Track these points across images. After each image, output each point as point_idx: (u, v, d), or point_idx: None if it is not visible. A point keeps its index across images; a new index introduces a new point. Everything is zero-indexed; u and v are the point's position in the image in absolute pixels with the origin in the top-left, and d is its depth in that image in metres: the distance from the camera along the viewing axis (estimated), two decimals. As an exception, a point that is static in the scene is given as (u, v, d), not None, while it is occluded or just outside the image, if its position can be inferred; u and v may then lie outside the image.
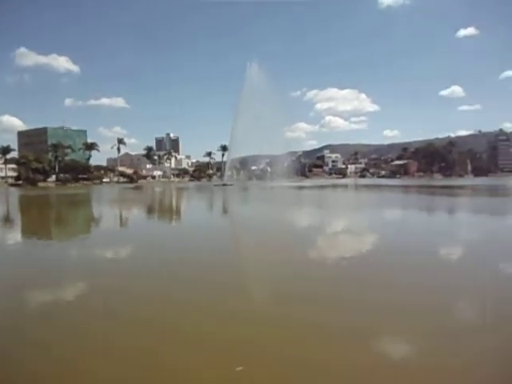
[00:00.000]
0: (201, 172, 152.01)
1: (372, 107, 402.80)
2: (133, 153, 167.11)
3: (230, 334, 6.16)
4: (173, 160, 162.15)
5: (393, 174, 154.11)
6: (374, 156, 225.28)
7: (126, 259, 12.83)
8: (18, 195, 63.44)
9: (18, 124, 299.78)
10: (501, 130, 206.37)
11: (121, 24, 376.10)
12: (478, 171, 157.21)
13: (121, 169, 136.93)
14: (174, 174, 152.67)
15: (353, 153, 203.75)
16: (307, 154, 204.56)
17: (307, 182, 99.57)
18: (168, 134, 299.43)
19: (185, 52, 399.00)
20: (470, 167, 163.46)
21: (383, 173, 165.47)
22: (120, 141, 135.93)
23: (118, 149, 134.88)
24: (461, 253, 13.11)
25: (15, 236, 19.59)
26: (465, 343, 5.80)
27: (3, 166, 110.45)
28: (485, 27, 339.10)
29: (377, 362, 5.18)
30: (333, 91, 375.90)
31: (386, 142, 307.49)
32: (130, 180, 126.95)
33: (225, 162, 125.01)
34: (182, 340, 6.07)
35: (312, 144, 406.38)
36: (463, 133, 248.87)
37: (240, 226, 22.87)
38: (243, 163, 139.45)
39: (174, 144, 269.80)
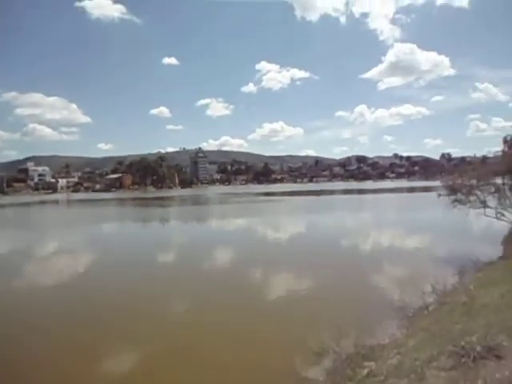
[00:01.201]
0: None
1: (84, 118, 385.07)
2: None
3: None
4: None
5: (109, 188, 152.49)
6: (88, 169, 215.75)
7: None
8: None
9: None
10: (199, 148, 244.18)
11: None
12: (184, 183, 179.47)
13: None
14: None
15: (64, 165, 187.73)
16: (5, 166, 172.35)
17: (7, 200, 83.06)
18: None
19: None
20: (177, 180, 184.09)
21: (98, 186, 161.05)
22: None
23: None
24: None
25: None
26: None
27: None
28: (183, 59, 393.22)
29: None
30: (37, 97, 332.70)
31: (101, 155, 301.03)
32: None
33: None
34: None
35: (11, 154, 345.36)
36: (171, 149, 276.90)
37: None
38: None
39: None
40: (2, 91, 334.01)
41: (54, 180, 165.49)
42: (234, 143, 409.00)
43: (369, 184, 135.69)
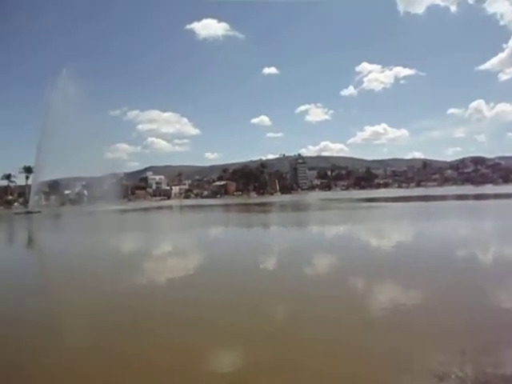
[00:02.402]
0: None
1: (194, 131, 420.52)
2: None
3: None
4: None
5: (214, 194, 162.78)
6: (197, 177, 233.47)
7: None
8: None
9: None
10: (299, 154, 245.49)
11: None
12: (284, 189, 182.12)
13: None
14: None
15: (177, 174, 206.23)
16: (129, 175, 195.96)
17: (130, 205, 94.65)
18: None
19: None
20: (278, 186, 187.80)
21: (206, 193, 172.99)
22: None
23: None
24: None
25: None
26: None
27: None
28: (283, 67, 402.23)
29: None
30: (154, 113, 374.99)
31: (208, 164, 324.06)
32: None
33: (30, 186, 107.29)
34: None
35: (134, 165, 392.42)
36: (271, 156, 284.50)
37: (47, 262, 19.45)
38: (54, 187, 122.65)
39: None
40: (127, 110, 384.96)
41: (168, 187, 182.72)
42: (333, 148, 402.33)
43: (489, 188, 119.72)
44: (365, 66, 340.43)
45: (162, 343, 7.01)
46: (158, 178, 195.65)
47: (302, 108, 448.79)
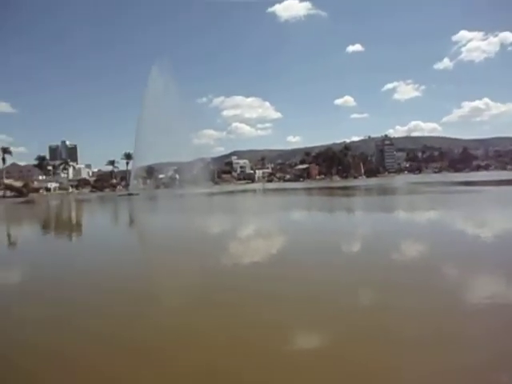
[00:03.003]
0: (103, 182, 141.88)
1: (276, 115, 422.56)
2: (22, 163, 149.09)
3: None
4: (70, 170, 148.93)
5: (297, 178, 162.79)
6: (279, 161, 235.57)
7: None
8: None
9: None
10: (386, 135, 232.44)
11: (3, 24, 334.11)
12: (369, 172, 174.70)
13: (7, 181, 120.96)
14: (72, 185, 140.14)
15: (260, 158, 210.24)
16: (215, 160, 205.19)
17: (217, 189, 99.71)
18: (64, 142, 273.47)
19: (84, 59, 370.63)
20: (362, 169, 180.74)
21: (288, 176, 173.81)
22: (5, 150, 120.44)
23: (3, 159, 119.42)
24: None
25: None
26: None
27: None
28: (369, 44, 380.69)
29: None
30: (238, 99, 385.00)
31: (290, 147, 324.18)
32: (20, 194, 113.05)
33: (130, 171, 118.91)
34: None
35: (220, 150, 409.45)
36: (356, 138, 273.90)
37: (152, 238, 21.82)
38: (150, 171, 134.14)
39: (72, 152, 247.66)
40: (213, 97, 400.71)
41: (252, 171, 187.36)
42: (425, 128, 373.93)
43: None
44: (463, 35, 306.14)
45: (253, 319, 7.59)
46: (242, 162, 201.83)
47: (389, 86, 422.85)
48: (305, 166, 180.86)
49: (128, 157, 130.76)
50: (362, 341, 6.20)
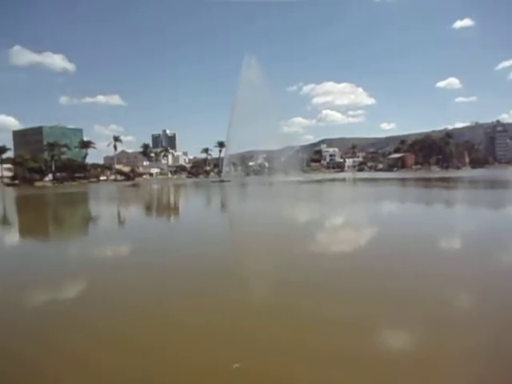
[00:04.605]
0: (198, 168, 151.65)
1: (369, 100, 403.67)
2: (129, 150, 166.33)
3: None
4: (170, 157, 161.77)
5: (390, 167, 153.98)
6: (371, 149, 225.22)
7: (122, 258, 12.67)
8: (15, 196, 63.04)
9: (13, 123, 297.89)
10: (498, 121, 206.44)
11: (117, 23, 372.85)
12: (476, 163, 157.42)
13: (117, 167, 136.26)
14: (171, 171, 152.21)
15: (350, 146, 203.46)
16: (304, 148, 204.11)
17: (305, 177, 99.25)
18: (164, 131, 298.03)
19: (181, 51, 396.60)
20: (467, 159, 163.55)
21: (381, 166, 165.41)
22: (116, 138, 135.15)
23: (115, 146, 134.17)
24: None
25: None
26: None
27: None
28: (480, 18, 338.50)
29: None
30: (329, 85, 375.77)
31: (384, 135, 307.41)
32: (127, 178, 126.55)
33: (222, 158, 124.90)
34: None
35: (309, 138, 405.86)
36: (460, 125, 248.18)
37: (241, 221, 22.73)
38: (241, 159, 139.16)
39: (171, 141, 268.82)
40: (303, 84, 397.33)
41: (341, 160, 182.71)
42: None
43: None
44: None
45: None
46: (331, 150, 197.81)
47: (505, 64, 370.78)
48: (399, 154, 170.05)
49: (221, 145, 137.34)
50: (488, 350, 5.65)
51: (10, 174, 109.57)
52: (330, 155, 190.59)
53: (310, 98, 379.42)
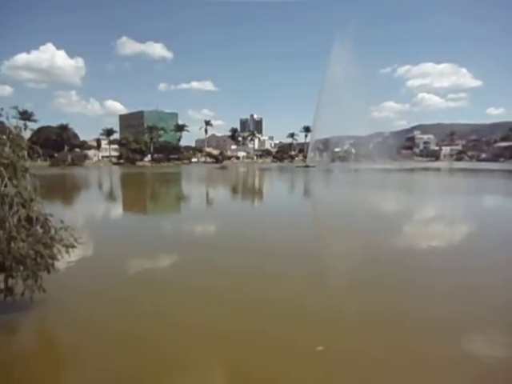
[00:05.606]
0: (283, 153, 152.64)
1: (474, 82, 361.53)
2: (219, 134, 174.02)
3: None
4: (256, 141, 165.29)
5: (496, 158, 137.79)
6: (473, 137, 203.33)
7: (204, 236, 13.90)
8: (120, 173, 70.79)
9: (120, 108, 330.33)
10: None
11: (210, 12, 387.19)
12: None
13: (208, 149, 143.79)
14: (257, 155, 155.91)
15: (448, 133, 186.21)
16: (395, 135, 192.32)
17: (395, 165, 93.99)
18: (252, 116, 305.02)
19: (270, 43, 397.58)
20: None
21: (484, 155, 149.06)
22: (207, 123, 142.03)
23: (206, 130, 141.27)
24: None
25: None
26: None
27: (107, 146, 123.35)
28: None
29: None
30: (427, 66, 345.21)
31: (488, 121, 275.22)
32: (216, 160, 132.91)
33: (307, 144, 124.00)
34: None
35: (401, 124, 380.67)
36: None
37: (322, 209, 22.93)
38: (326, 144, 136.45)
39: (258, 125, 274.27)
40: (397, 66, 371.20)
41: (437, 148, 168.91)
42: None
43: None
44: None
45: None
46: (426, 137, 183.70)
47: None
48: (507, 143, 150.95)
49: (307, 130, 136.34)
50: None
51: (116, 153, 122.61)
52: (424, 142, 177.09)
53: (405, 81, 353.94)
